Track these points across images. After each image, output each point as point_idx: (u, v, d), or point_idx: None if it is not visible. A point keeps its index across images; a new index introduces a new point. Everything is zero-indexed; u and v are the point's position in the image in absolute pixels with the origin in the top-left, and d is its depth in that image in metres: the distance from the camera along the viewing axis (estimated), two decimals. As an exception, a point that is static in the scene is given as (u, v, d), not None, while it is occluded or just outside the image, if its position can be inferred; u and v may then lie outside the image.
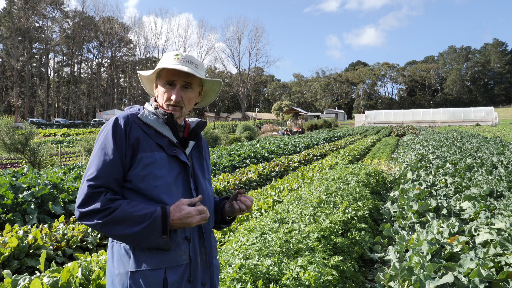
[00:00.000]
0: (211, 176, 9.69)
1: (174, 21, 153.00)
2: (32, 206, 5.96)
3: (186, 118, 1.68)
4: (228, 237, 4.31)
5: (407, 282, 3.13)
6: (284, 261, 2.94)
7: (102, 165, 1.39)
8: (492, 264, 3.00)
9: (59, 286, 2.91)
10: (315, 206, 4.77)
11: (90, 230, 5.01)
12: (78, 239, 4.73)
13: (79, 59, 79.71)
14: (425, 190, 6.21)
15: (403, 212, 5.30)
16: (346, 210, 4.67)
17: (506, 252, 3.29)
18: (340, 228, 4.01)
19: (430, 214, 4.79)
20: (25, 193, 6.08)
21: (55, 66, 77.12)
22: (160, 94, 1.58)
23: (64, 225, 5.23)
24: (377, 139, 24.84)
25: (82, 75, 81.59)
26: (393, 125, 49.87)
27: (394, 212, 5.88)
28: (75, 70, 79.77)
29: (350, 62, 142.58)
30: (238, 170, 11.12)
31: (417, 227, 4.60)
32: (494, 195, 5.66)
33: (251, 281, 2.60)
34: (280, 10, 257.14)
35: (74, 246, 4.67)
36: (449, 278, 2.79)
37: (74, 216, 5.93)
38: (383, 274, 3.42)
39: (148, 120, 1.52)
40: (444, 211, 5.04)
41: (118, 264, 1.43)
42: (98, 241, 4.94)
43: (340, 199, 5.17)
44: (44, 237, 4.64)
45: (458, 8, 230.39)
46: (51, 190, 6.45)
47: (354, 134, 32.80)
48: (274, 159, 13.65)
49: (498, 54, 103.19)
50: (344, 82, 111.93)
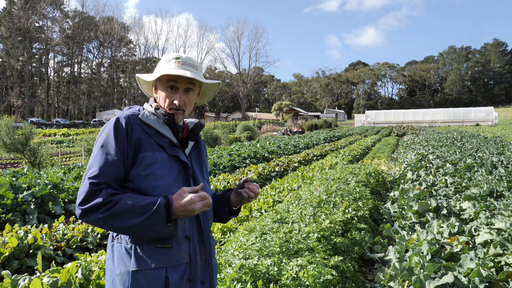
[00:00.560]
0: (211, 176, 9.78)
1: (174, 21, 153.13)
2: (32, 206, 5.96)
3: (184, 119, 1.68)
4: (228, 237, 4.31)
5: (407, 282, 3.13)
6: (284, 261, 2.93)
7: (104, 164, 1.39)
8: (492, 264, 3.00)
9: (59, 286, 2.91)
10: (315, 206, 4.77)
11: (90, 230, 5.01)
12: (78, 239, 4.73)
13: (79, 59, 79.72)
14: (425, 190, 6.21)
15: (403, 212, 5.30)
16: (346, 210, 4.67)
17: (506, 252, 3.29)
18: (340, 228, 4.01)
19: (430, 214, 4.79)
20: (25, 193, 6.08)
21: (55, 66, 77.14)
22: (161, 97, 1.58)
23: (64, 225, 5.23)
24: (377, 139, 24.84)
25: (82, 75, 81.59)
26: (393, 125, 49.86)
27: (394, 212, 5.88)
28: (75, 70, 79.86)
29: (350, 62, 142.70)
30: (238, 170, 11.13)
31: (417, 227, 4.60)
32: (494, 195, 5.66)
33: (251, 281, 2.60)
34: (280, 10, 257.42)
35: (74, 246, 4.67)
36: (449, 278, 2.79)
37: (74, 216, 5.92)
38: (383, 274, 3.42)
39: (148, 120, 1.52)
40: (444, 211, 5.04)
41: (119, 263, 1.42)
42: (98, 241, 4.94)
43: (340, 199, 5.17)
44: (44, 237, 4.64)
45: (458, 8, 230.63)
46: (51, 190, 6.45)
47: (354, 134, 32.80)
48: (274, 159, 13.65)
49: (498, 54, 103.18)
50: (344, 82, 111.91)
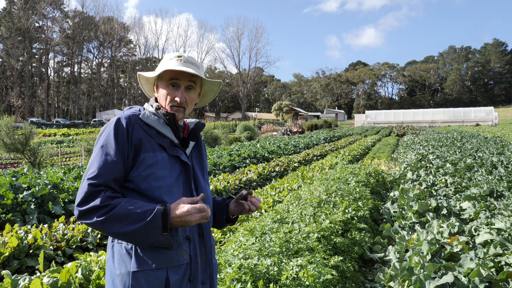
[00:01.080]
0: (211, 176, 9.77)
1: (174, 21, 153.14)
2: (32, 206, 5.96)
3: (184, 119, 1.68)
4: (228, 237, 4.30)
5: (407, 282, 3.13)
6: (284, 261, 2.93)
7: (104, 164, 1.39)
8: (492, 264, 3.00)
9: (59, 286, 2.91)
10: (315, 206, 4.77)
11: (90, 230, 5.01)
12: (78, 239, 4.73)
13: (79, 59, 79.72)
14: (425, 190, 6.21)
15: (403, 212, 5.30)
16: (346, 210, 4.66)
17: (506, 252, 3.29)
18: (340, 228, 4.00)
19: (430, 214, 4.79)
20: (25, 193, 6.08)
21: (55, 66, 77.13)
22: (162, 95, 1.58)
23: (64, 225, 5.23)
24: (377, 139, 24.84)
25: (82, 75, 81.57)
26: (393, 125, 49.87)
27: (394, 212, 5.88)
28: (75, 70, 79.84)
29: (350, 62, 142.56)
30: (238, 170, 11.13)
31: (417, 227, 4.60)
32: (494, 195, 5.66)
33: (251, 281, 2.60)
34: (280, 10, 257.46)
35: (74, 246, 4.67)
36: (449, 278, 2.79)
37: (74, 216, 5.93)
38: (383, 274, 3.42)
39: (149, 120, 1.52)
40: (444, 211, 5.04)
41: (119, 264, 1.42)
42: (98, 241, 4.94)
43: (340, 199, 5.17)
44: (44, 237, 4.64)
45: (458, 8, 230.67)
46: (51, 190, 6.45)
47: (354, 134, 32.80)
48: (274, 159, 13.65)
49: (498, 54, 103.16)
50: (344, 82, 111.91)
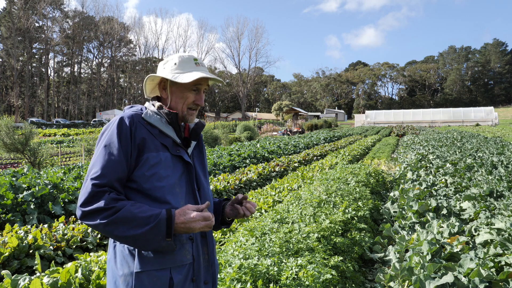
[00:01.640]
0: (211, 176, 9.77)
1: (174, 21, 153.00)
2: (32, 206, 5.96)
3: None
4: (228, 237, 4.30)
5: (407, 282, 3.13)
6: (284, 261, 2.93)
7: (107, 164, 1.38)
8: (492, 264, 3.00)
9: (59, 286, 2.91)
10: (315, 206, 4.77)
11: (90, 230, 5.01)
12: (78, 239, 4.73)
13: (79, 59, 79.72)
14: (425, 190, 6.21)
15: (403, 212, 5.30)
16: (346, 210, 4.66)
17: (506, 252, 3.29)
18: (340, 228, 4.00)
19: (430, 214, 4.79)
20: (25, 193, 6.08)
21: (55, 66, 77.13)
22: (179, 98, 1.58)
23: (64, 225, 5.23)
24: (377, 139, 24.84)
25: (82, 75, 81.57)
26: (393, 125, 49.87)
27: (394, 212, 5.88)
28: (75, 70, 79.83)
29: (350, 62, 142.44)
30: (238, 170, 11.12)
31: (417, 227, 4.60)
32: (494, 195, 5.66)
33: (251, 281, 2.60)
34: (279, 10, 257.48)
35: (74, 246, 4.67)
36: (449, 278, 2.79)
37: (74, 216, 5.92)
38: (383, 274, 3.42)
39: (152, 120, 1.52)
40: (444, 211, 5.04)
41: (122, 264, 1.41)
42: (98, 241, 4.94)
43: (340, 199, 5.16)
44: (44, 237, 4.64)
45: (458, 8, 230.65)
46: (51, 190, 6.45)
47: (354, 134, 32.80)
48: (274, 159, 13.65)
49: (498, 54, 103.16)
50: (344, 82, 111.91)
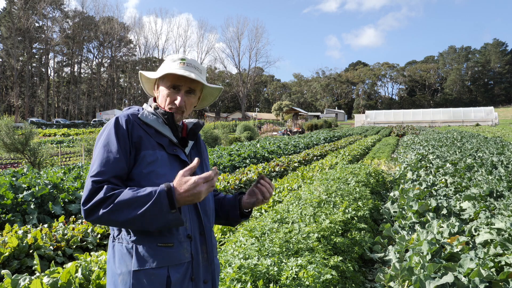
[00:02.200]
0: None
1: (174, 21, 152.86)
2: (32, 206, 5.96)
3: (183, 119, 1.69)
4: (228, 237, 4.30)
5: (407, 282, 3.13)
6: (284, 261, 2.93)
7: (106, 162, 1.39)
8: (492, 264, 3.00)
9: (59, 286, 2.91)
10: (315, 206, 4.77)
11: (90, 230, 5.01)
12: (78, 239, 4.73)
13: (79, 59, 79.72)
14: (425, 190, 6.21)
15: (403, 212, 5.30)
16: (346, 210, 4.66)
17: (506, 252, 3.29)
18: (340, 228, 4.00)
19: (430, 214, 4.79)
20: (25, 193, 6.08)
21: (55, 66, 77.14)
22: (162, 96, 1.59)
23: (64, 225, 5.23)
24: (377, 139, 24.84)
25: (82, 75, 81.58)
26: (393, 125, 49.88)
27: (394, 212, 5.88)
28: (75, 70, 79.84)
29: (350, 62, 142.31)
30: (238, 170, 11.12)
31: (417, 227, 4.60)
32: (494, 195, 5.66)
33: (251, 281, 2.60)
34: (280, 10, 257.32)
35: (74, 246, 4.67)
36: (449, 278, 2.79)
37: (74, 216, 5.93)
38: (383, 274, 3.42)
39: (148, 120, 1.53)
40: (444, 211, 5.04)
41: (120, 263, 1.42)
42: (98, 241, 4.94)
43: (340, 199, 5.17)
44: (44, 237, 4.63)
45: (458, 8, 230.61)
46: (51, 190, 6.45)
47: (354, 134, 32.80)
48: (274, 159, 13.65)
49: (498, 54, 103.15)
50: (344, 82, 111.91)
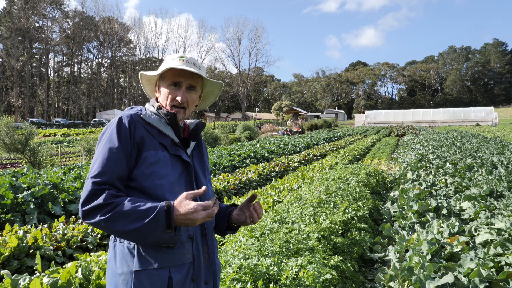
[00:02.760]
0: (211, 176, 9.77)
1: (174, 21, 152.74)
2: (32, 206, 5.95)
3: (184, 120, 1.68)
4: (228, 237, 4.30)
5: (407, 282, 3.13)
6: (284, 261, 2.93)
7: (107, 162, 1.39)
8: (492, 264, 3.00)
9: (59, 286, 2.91)
10: (315, 206, 4.77)
11: (90, 230, 5.01)
12: (78, 239, 4.73)
13: (79, 59, 79.69)
14: (425, 190, 6.21)
15: (403, 212, 5.30)
16: (346, 210, 4.66)
17: (506, 252, 3.29)
18: (340, 228, 4.00)
19: (430, 214, 4.79)
20: (25, 193, 6.07)
21: (55, 66, 77.12)
22: (163, 95, 1.59)
23: (64, 225, 5.23)
24: (377, 139, 24.84)
25: (82, 75, 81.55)
26: (393, 125, 49.88)
27: (394, 212, 5.88)
28: (75, 70, 79.79)
29: (350, 62, 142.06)
30: (238, 170, 11.12)
31: (417, 227, 4.60)
32: (494, 195, 5.66)
33: (251, 281, 2.60)
34: (280, 10, 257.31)
35: (74, 246, 4.67)
36: (449, 278, 2.79)
37: (74, 216, 5.92)
38: (383, 274, 3.42)
39: (151, 120, 1.52)
40: (444, 211, 5.04)
41: (122, 263, 1.41)
42: (98, 241, 4.94)
43: (340, 199, 5.17)
44: (44, 237, 4.64)
45: (458, 8, 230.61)
46: (51, 190, 6.44)
47: (354, 134, 32.80)
48: (274, 159, 13.65)
49: (498, 54, 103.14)
50: (344, 82, 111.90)
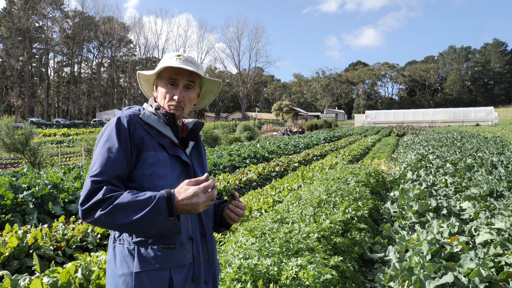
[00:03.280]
0: (211, 176, 9.77)
1: (174, 21, 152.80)
2: (32, 206, 5.95)
3: (183, 119, 1.67)
4: (228, 237, 4.30)
5: (407, 282, 3.13)
6: (284, 261, 2.93)
7: (107, 162, 1.38)
8: (492, 264, 3.00)
9: (59, 286, 2.91)
10: (315, 206, 4.77)
11: (90, 230, 5.01)
12: (78, 239, 4.73)
13: (79, 59, 79.69)
14: (425, 190, 6.21)
15: (403, 212, 5.30)
16: (346, 210, 4.66)
17: (506, 252, 3.29)
18: (340, 228, 4.00)
19: (430, 214, 4.79)
20: (25, 193, 6.07)
21: (55, 66, 77.12)
22: (161, 94, 1.57)
23: (64, 225, 5.23)
24: (377, 139, 24.84)
25: (82, 75, 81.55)
26: (393, 125, 49.88)
27: (394, 212, 5.88)
28: (75, 70, 79.80)
29: (350, 62, 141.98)
30: (238, 170, 11.12)
31: (417, 227, 4.60)
32: (494, 195, 5.66)
33: (251, 281, 2.60)
34: (279, 10, 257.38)
35: (74, 246, 4.67)
36: (449, 278, 2.79)
37: (74, 216, 5.92)
38: (383, 274, 3.42)
39: (150, 120, 1.51)
40: (444, 211, 5.04)
41: (122, 265, 1.41)
42: (98, 241, 4.94)
43: (340, 199, 5.17)
44: (44, 237, 4.63)
45: (458, 8, 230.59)
46: (51, 190, 6.44)
47: (354, 134, 32.80)
48: (274, 159, 13.64)
49: (498, 54, 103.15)
50: (344, 82, 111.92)
